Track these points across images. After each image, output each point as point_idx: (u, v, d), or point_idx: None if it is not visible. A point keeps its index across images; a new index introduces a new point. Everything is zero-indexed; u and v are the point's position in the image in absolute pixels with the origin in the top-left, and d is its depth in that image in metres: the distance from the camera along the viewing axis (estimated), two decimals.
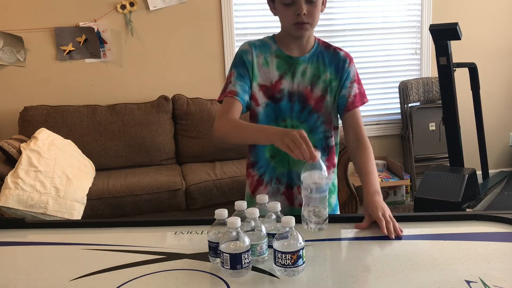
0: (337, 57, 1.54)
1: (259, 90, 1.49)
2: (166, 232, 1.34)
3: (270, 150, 1.51)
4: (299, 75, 1.49)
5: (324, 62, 1.52)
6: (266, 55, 1.51)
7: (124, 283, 1.03)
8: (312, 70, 1.50)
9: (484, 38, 4.05)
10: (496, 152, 4.24)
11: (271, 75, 1.49)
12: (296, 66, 1.50)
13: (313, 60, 1.51)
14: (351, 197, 3.07)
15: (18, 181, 2.63)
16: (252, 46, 1.51)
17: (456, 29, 3.07)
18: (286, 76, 1.49)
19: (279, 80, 1.49)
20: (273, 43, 1.52)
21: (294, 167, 1.50)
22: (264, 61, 1.50)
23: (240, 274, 1.03)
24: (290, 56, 1.50)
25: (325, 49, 1.55)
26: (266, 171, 1.52)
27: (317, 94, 1.50)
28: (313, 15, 1.43)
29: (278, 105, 1.49)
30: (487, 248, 1.14)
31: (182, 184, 3.00)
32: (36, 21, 3.43)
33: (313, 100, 1.49)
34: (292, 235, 1.02)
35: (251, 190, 1.56)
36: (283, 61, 1.50)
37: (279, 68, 1.49)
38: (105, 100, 3.52)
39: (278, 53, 1.50)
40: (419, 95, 3.95)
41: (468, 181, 3.13)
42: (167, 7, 3.56)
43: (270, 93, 1.49)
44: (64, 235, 1.34)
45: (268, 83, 1.49)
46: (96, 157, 3.28)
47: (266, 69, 1.50)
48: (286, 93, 1.48)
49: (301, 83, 1.49)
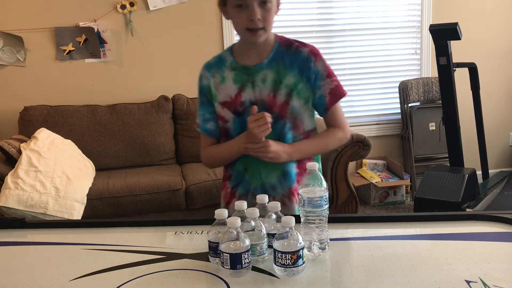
0: (299, 56, 1.45)
1: (222, 108, 1.48)
2: (166, 232, 1.34)
3: (243, 164, 1.51)
4: (260, 83, 1.44)
5: (285, 64, 1.44)
6: (222, 71, 1.48)
7: (124, 283, 1.03)
8: (272, 75, 1.44)
9: (484, 38, 4.05)
10: (496, 152, 4.24)
11: (230, 90, 1.46)
12: (255, 75, 1.44)
13: (272, 65, 1.45)
14: (351, 197, 3.07)
15: (18, 181, 2.63)
16: (206, 68, 1.51)
17: (456, 29, 3.07)
18: (246, 87, 1.45)
19: (239, 93, 1.46)
20: (229, 55, 1.49)
21: (266, 179, 1.49)
22: (220, 78, 1.48)
23: (240, 274, 1.03)
24: (246, 66, 1.45)
25: (286, 50, 1.46)
26: (240, 185, 1.52)
27: (281, 100, 1.44)
28: (268, 19, 1.37)
29: (243, 118, 1.45)
30: (487, 248, 1.14)
31: (182, 184, 3.00)
32: (36, 21, 3.43)
33: (277, 107, 1.44)
34: (292, 235, 1.02)
35: (225, 203, 1.56)
36: (239, 73, 1.46)
37: (236, 81, 1.46)
38: (105, 100, 3.52)
39: (233, 66, 1.47)
40: (419, 95, 3.95)
41: (468, 181, 3.13)
42: (167, 7, 3.56)
43: (233, 108, 1.47)
44: (64, 235, 1.34)
45: (229, 98, 1.47)
46: (96, 157, 3.28)
47: (224, 86, 1.47)
48: (248, 104, 1.44)
49: (263, 90, 1.44)
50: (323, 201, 1.10)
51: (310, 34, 3.84)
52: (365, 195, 3.88)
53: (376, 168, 3.96)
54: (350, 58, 3.94)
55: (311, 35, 3.85)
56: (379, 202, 3.81)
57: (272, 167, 1.47)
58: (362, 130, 3.78)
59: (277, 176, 1.49)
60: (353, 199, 3.08)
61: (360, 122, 3.98)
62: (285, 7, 3.79)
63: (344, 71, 3.92)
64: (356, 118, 3.99)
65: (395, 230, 1.28)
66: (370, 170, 3.90)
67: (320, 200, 1.10)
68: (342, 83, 1.49)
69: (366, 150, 3.03)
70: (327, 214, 1.12)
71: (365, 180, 3.79)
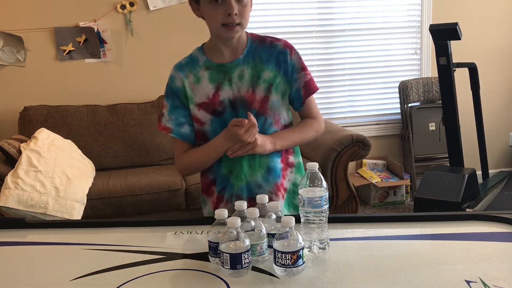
0: (275, 50, 1.43)
1: (199, 109, 1.43)
2: (166, 232, 1.34)
3: (227, 167, 1.46)
4: (237, 80, 1.40)
5: (261, 59, 1.42)
6: (196, 71, 1.43)
7: (124, 283, 1.03)
8: (249, 71, 1.41)
9: (484, 38, 4.05)
10: (496, 152, 4.24)
11: (206, 90, 1.41)
12: (231, 72, 1.41)
13: (248, 60, 1.41)
14: (351, 197, 3.07)
15: (18, 181, 2.63)
16: (178, 69, 1.45)
17: (456, 29, 3.07)
18: (223, 85, 1.41)
19: (216, 92, 1.41)
20: (201, 54, 1.45)
21: (251, 178, 1.45)
22: (195, 78, 1.43)
23: (240, 274, 1.03)
24: (221, 64, 1.41)
25: (260, 45, 1.44)
26: (226, 188, 1.48)
27: (260, 95, 1.41)
28: (244, 15, 1.33)
29: (222, 117, 1.42)
30: (487, 248, 1.14)
31: (182, 184, 3.00)
32: (36, 21, 3.43)
33: (257, 103, 1.41)
34: (292, 235, 1.02)
35: (213, 208, 1.51)
36: (215, 71, 1.42)
37: (212, 80, 1.41)
38: (105, 100, 3.52)
39: (207, 65, 1.43)
40: (419, 95, 3.95)
41: (468, 181, 3.13)
42: (167, 7, 3.56)
43: (211, 108, 1.42)
44: (64, 235, 1.34)
45: (206, 99, 1.42)
46: (96, 157, 3.28)
47: (199, 86, 1.42)
48: (227, 103, 1.41)
49: (241, 87, 1.40)
50: (323, 201, 1.10)
51: (310, 34, 3.84)
52: (365, 195, 3.88)
53: (376, 168, 3.96)
54: (350, 58, 3.93)
55: (311, 35, 3.84)
56: (379, 202, 3.81)
57: (257, 165, 1.45)
58: (362, 130, 3.78)
59: (262, 174, 1.46)
60: (353, 199, 3.08)
61: (360, 122, 3.98)
62: (285, 7, 3.79)
63: (344, 71, 3.92)
64: (356, 118, 3.99)
65: (395, 230, 1.28)
66: (370, 170, 3.90)
67: (320, 200, 1.10)
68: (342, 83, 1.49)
69: (366, 150, 3.03)
70: (327, 214, 1.12)
71: (365, 180, 3.79)
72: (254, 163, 1.45)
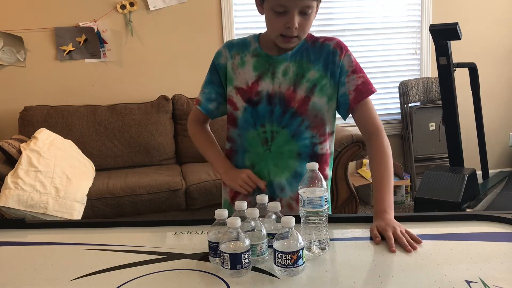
0: (325, 50, 1.37)
1: (236, 93, 1.40)
2: (166, 232, 1.33)
3: (250, 159, 1.43)
4: (280, 75, 1.36)
5: (309, 58, 1.36)
6: (243, 54, 1.40)
7: (124, 283, 1.03)
8: (295, 68, 1.36)
9: (484, 38, 4.05)
10: (496, 152, 4.24)
11: (247, 76, 1.38)
12: (276, 66, 1.36)
13: (296, 58, 1.36)
14: (351, 197, 3.07)
15: (18, 181, 2.63)
16: (227, 47, 1.43)
17: (456, 29, 3.07)
18: (265, 77, 1.37)
19: (256, 82, 1.37)
20: (254, 41, 1.41)
21: (275, 178, 1.41)
22: (240, 61, 1.39)
23: (240, 274, 1.03)
24: (269, 55, 1.37)
25: (312, 44, 1.38)
26: None
27: (301, 95, 1.35)
28: (304, 28, 1.29)
29: (256, 108, 1.38)
30: (487, 248, 1.14)
31: (182, 184, 3.00)
32: (36, 21, 3.43)
33: (296, 102, 1.35)
34: (292, 235, 1.02)
35: (230, 198, 1.49)
36: (261, 60, 1.38)
37: (256, 68, 1.37)
38: (105, 100, 3.52)
39: (256, 52, 1.38)
40: (419, 95, 3.95)
41: (468, 181, 3.13)
42: (167, 7, 3.56)
43: (247, 96, 1.38)
44: (64, 235, 1.34)
45: (245, 85, 1.38)
46: (96, 157, 3.28)
47: (242, 70, 1.39)
48: (264, 96, 1.37)
49: (282, 83, 1.36)
50: (323, 201, 1.10)
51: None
52: (365, 195, 3.88)
53: None
54: None
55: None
56: None
57: (283, 165, 1.40)
58: None
59: (287, 177, 1.41)
60: (353, 199, 3.08)
61: None
62: None
63: None
64: None
65: None
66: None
67: (320, 200, 1.10)
68: None
69: (366, 150, 3.04)
70: (327, 214, 1.12)
71: (365, 180, 3.79)
72: (281, 162, 1.40)
